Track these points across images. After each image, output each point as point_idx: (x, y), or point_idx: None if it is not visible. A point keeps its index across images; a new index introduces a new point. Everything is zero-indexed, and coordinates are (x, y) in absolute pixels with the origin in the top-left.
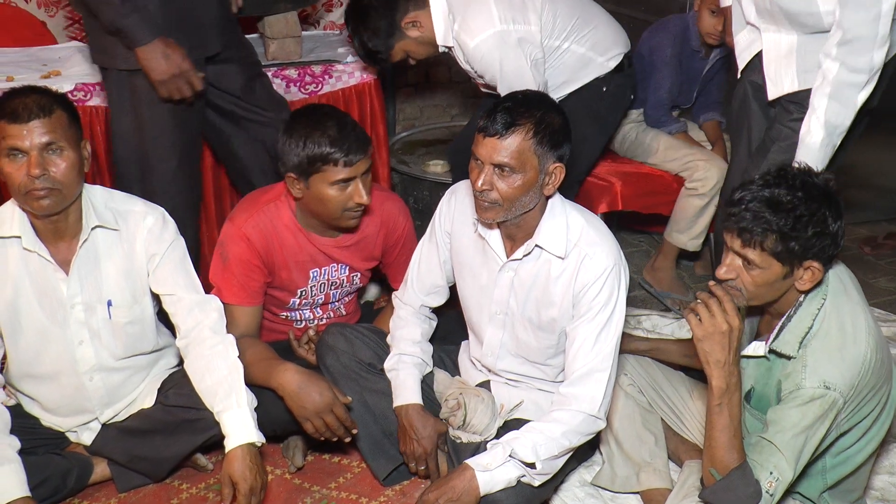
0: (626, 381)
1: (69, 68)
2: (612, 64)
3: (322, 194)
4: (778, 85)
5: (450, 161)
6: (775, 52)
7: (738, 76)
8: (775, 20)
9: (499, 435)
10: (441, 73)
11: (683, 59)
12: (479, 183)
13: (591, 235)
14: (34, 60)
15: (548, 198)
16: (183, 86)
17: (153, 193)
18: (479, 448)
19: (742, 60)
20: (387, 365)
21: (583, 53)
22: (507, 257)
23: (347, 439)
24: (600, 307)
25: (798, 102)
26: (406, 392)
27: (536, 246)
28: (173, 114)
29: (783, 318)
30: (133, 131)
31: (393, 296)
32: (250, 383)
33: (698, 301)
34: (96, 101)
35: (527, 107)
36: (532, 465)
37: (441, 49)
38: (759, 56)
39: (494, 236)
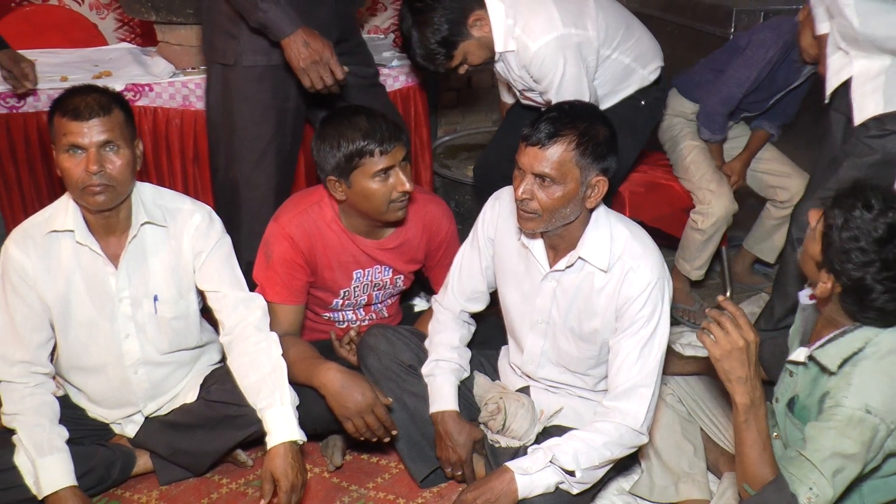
0: (667, 390)
1: (120, 69)
2: (653, 77)
3: (365, 189)
4: (863, 110)
5: (475, 179)
6: (864, 77)
7: (826, 102)
8: (863, 47)
9: (538, 441)
10: (483, 78)
11: (779, 65)
12: (520, 192)
13: (635, 248)
14: (86, 61)
15: (591, 210)
16: (325, 73)
17: (235, 183)
18: (517, 453)
19: (830, 86)
20: (424, 370)
21: (627, 64)
22: (550, 267)
23: (386, 440)
24: (644, 321)
25: (879, 119)
26: (442, 399)
27: (579, 258)
28: (263, 110)
29: (836, 332)
30: (223, 122)
31: (433, 300)
32: (292, 381)
33: (710, 320)
34: (145, 101)
35: (571, 118)
36: (572, 473)
37: (497, 54)
38: (847, 83)
39: (538, 246)
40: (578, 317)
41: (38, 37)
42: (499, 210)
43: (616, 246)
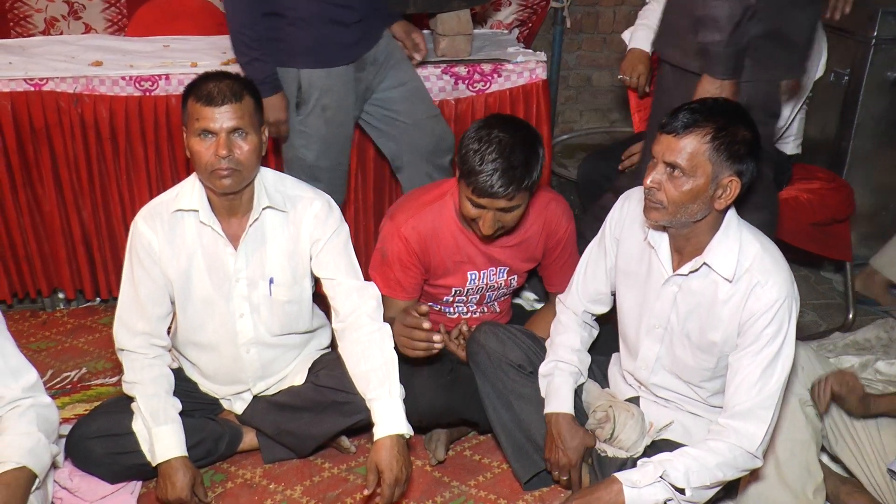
0: (794, 398)
1: None
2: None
3: (461, 198)
4: None
5: (579, 178)
6: None
7: None
8: None
9: (645, 454)
10: (602, 77)
11: None
12: (648, 180)
13: (765, 262)
14: (215, 48)
15: (720, 213)
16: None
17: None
18: (624, 464)
19: None
20: (542, 370)
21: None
22: (673, 271)
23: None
24: (768, 340)
25: None
26: (558, 400)
27: (704, 264)
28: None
29: None
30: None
31: (557, 299)
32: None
33: None
34: None
35: (713, 112)
36: (682, 491)
37: None
38: None
39: (663, 247)
40: (698, 326)
41: (171, 24)
42: (627, 210)
43: (745, 257)
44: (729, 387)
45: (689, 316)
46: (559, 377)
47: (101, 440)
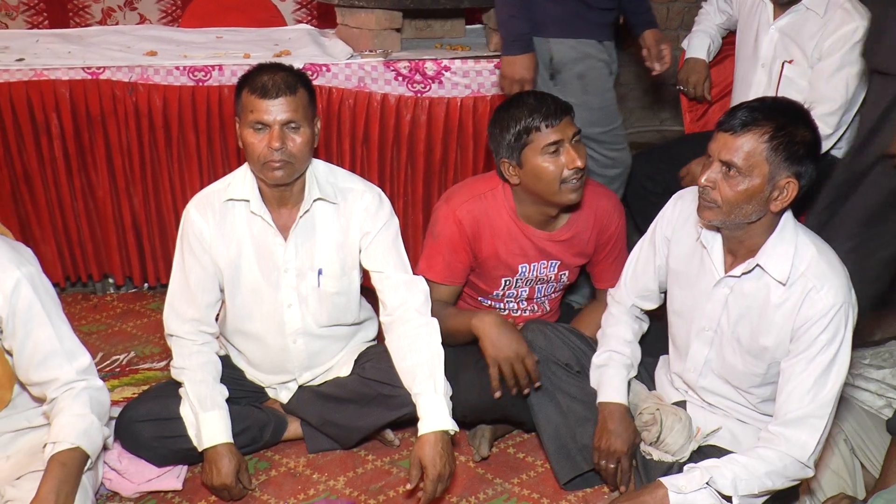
0: (841, 436)
1: (298, 49)
2: None
3: (536, 168)
4: None
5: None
6: None
7: None
8: None
9: (691, 460)
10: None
11: None
12: (703, 179)
13: (821, 266)
14: (267, 40)
15: (776, 215)
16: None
17: None
18: (670, 468)
19: None
20: (596, 360)
21: None
22: (725, 273)
23: (526, 391)
24: (822, 347)
25: None
26: (612, 390)
27: (758, 266)
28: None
29: None
30: None
31: (608, 293)
32: (449, 331)
33: None
34: (321, 81)
35: (773, 111)
36: (728, 499)
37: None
38: None
39: (716, 248)
40: (749, 330)
41: (224, 16)
42: (680, 210)
43: (800, 261)
44: (780, 394)
45: (740, 319)
46: (613, 368)
47: (149, 424)
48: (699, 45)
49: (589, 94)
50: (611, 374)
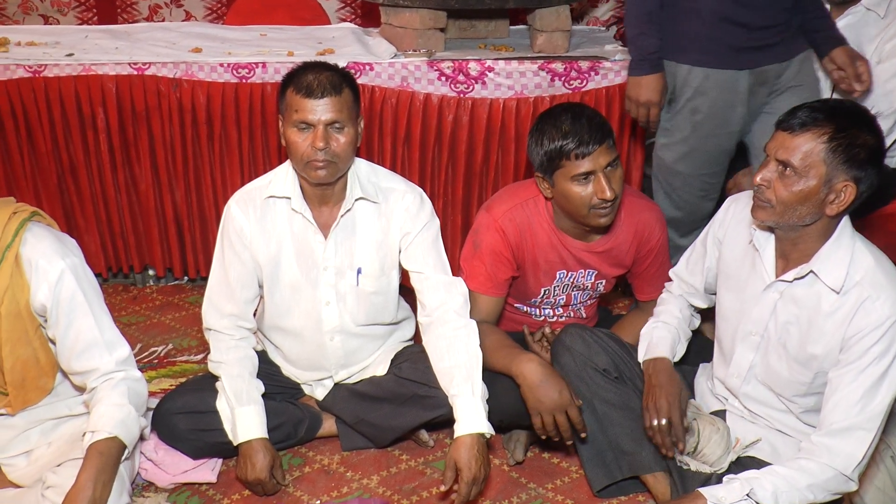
0: (888, 452)
1: (342, 47)
2: None
3: (566, 191)
4: None
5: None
6: None
7: None
8: None
9: (730, 470)
10: None
11: None
12: (758, 177)
13: (877, 276)
14: (311, 38)
15: (832, 219)
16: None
17: None
18: (708, 479)
19: None
20: (643, 331)
21: None
22: (776, 277)
23: (570, 442)
24: (874, 359)
25: None
26: (658, 348)
27: (811, 272)
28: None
29: None
30: None
31: (666, 286)
32: (488, 368)
33: None
34: (364, 79)
35: (834, 112)
36: None
37: None
38: None
39: (768, 251)
40: (797, 337)
41: (269, 14)
42: (733, 213)
43: (856, 269)
44: (826, 404)
45: (789, 325)
46: (659, 330)
47: (185, 416)
48: None
49: (695, 133)
50: (657, 336)
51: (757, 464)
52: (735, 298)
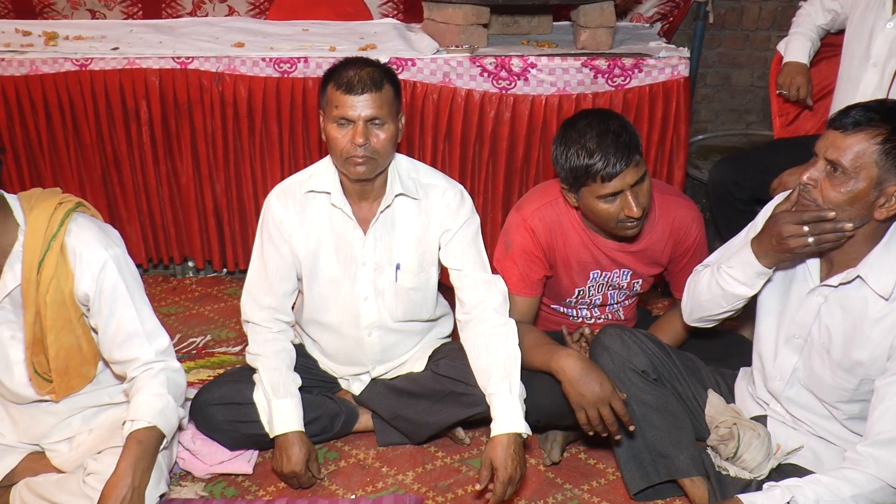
0: None
1: (384, 43)
2: None
3: (592, 207)
4: None
5: (710, 181)
6: None
7: None
8: None
9: (770, 478)
10: (742, 76)
11: None
12: (805, 177)
13: None
14: (352, 34)
15: (882, 223)
16: None
17: None
18: (748, 486)
19: None
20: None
21: None
22: (821, 281)
23: (618, 437)
24: None
25: None
26: None
27: (858, 277)
28: None
29: None
30: None
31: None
32: (527, 367)
33: None
34: (406, 75)
35: (891, 114)
36: None
37: None
38: None
39: None
40: (842, 343)
41: (311, 10)
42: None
43: None
44: (873, 413)
45: (833, 331)
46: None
47: (222, 407)
48: (800, 48)
49: None
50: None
51: (799, 472)
52: (777, 299)
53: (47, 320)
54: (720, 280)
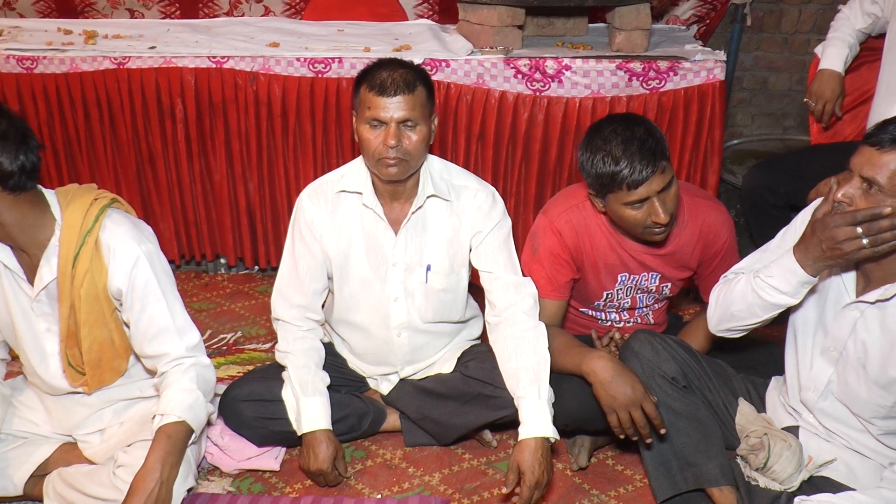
0: None
1: (418, 44)
2: None
3: (619, 213)
4: None
5: (744, 186)
6: None
7: None
8: None
9: (801, 490)
10: (780, 80)
11: None
12: (840, 194)
13: None
14: (387, 34)
15: None
16: None
17: None
18: (777, 498)
19: None
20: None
21: None
22: (857, 296)
23: (649, 440)
24: None
25: None
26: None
27: None
28: None
29: None
30: None
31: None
32: (557, 369)
33: None
34: (440, 76)
35: None
36: None
37: None
38: None
39: (848, 268)
40: (879, 359)
41: (347, 10)
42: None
43: None
44: None
45: (870, 346)
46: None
47: (251, 404)
48: (836, 55)
49: None
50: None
51: (831, 485)
52: (812, 309)
53: (81, 314)
54: (758, 289)
